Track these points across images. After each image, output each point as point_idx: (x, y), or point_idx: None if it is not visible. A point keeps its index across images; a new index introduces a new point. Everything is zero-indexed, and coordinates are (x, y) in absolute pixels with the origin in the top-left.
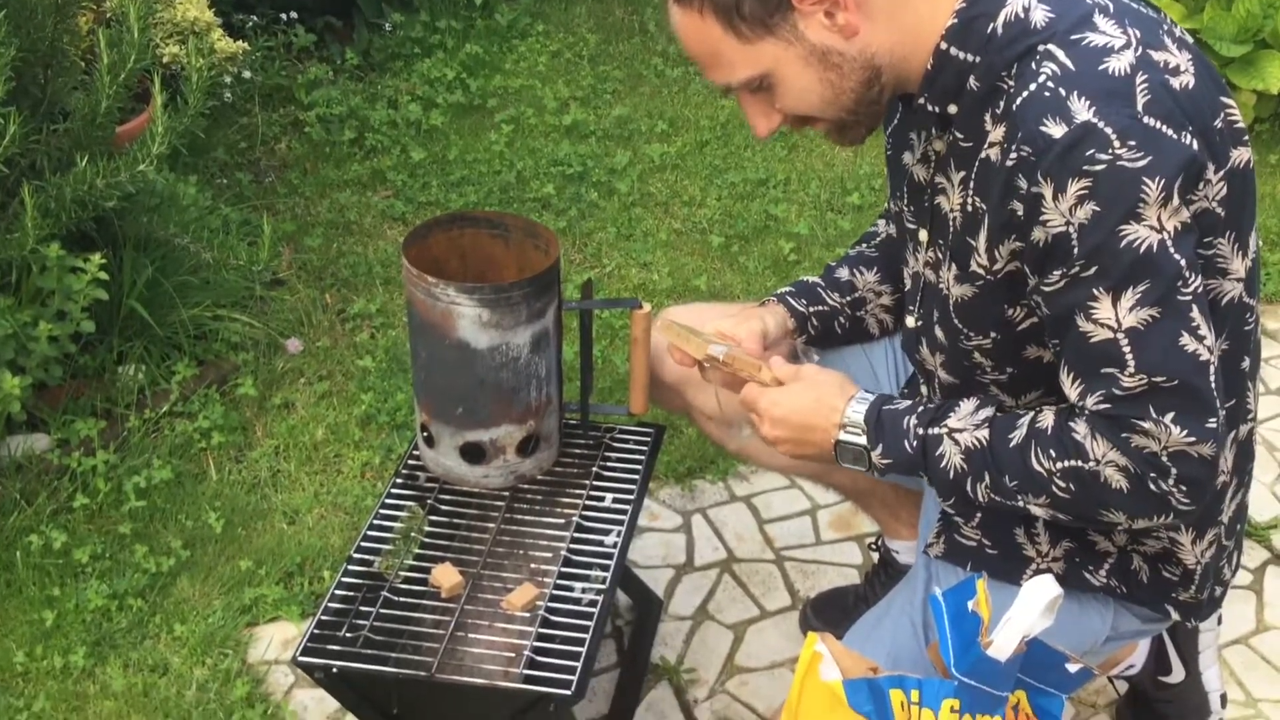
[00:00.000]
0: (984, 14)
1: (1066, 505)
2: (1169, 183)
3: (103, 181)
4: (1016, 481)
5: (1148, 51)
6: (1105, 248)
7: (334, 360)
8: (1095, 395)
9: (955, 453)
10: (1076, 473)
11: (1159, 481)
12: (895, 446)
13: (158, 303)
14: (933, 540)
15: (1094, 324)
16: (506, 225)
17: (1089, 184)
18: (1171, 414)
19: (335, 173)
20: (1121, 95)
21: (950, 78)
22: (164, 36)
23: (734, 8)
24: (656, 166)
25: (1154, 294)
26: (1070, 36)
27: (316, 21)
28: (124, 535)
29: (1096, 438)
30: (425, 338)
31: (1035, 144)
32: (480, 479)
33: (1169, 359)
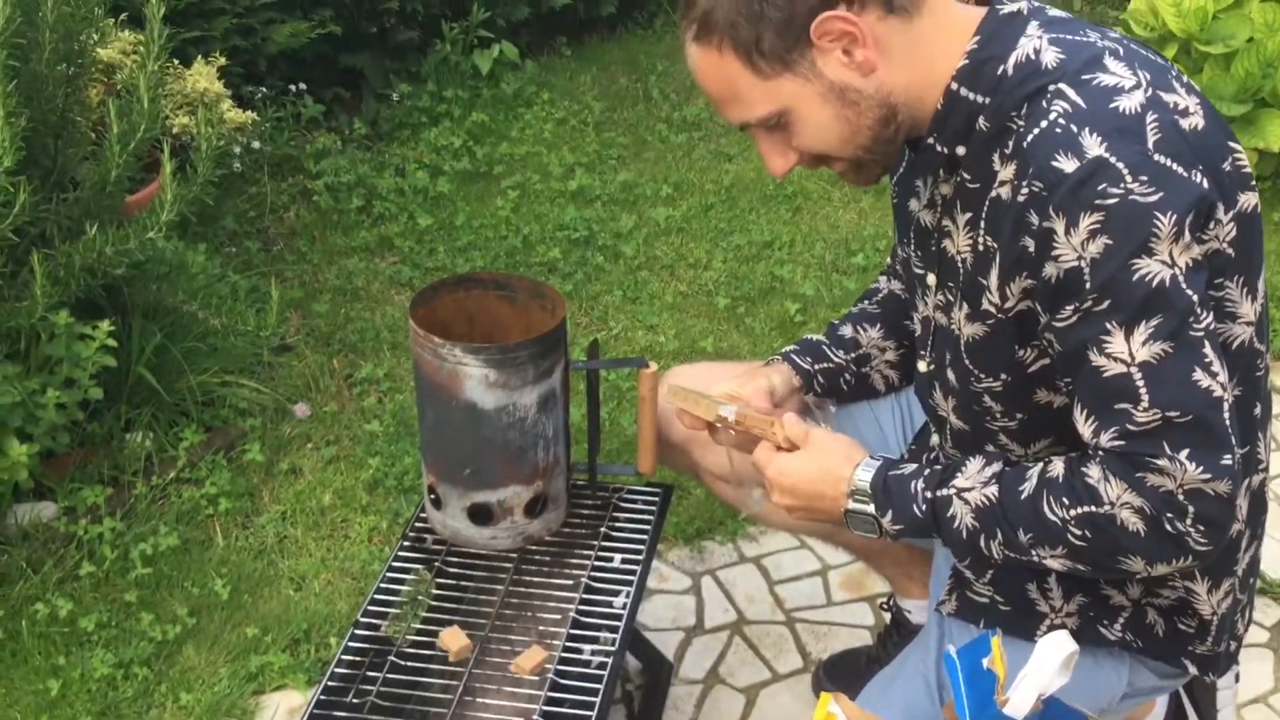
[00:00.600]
0: (995, 56)
1: (1083, 554)
2: (1180, 218)
3: (112, 250)
4: (1031, 534)
5: (1157, 92)
6: (1118, 281)
7: (341, 425)
8: (1109, 432)
9: (966, 512)
10: (1091, 518)
11: (1175, 522)
12: (904, 512)
13: (166, 369)
14: (945, 597)
15: (1107, 358)
16: (513, 286)
17: (1101, 218)
18: (1186, 450)
19: (343, 240)
20: (1132, 132)
21: (960, 118)
22: (174, 107)
23: (753, 44)
24: (662, 230)
25: (1166, 328)
26: (1081, 76)
27: (325, 92)
28: (130, 603)
29: (1110, 480)
30: (432, 399)
31: (1046, 179)
32: (488, 540)
33: (1183, 394)
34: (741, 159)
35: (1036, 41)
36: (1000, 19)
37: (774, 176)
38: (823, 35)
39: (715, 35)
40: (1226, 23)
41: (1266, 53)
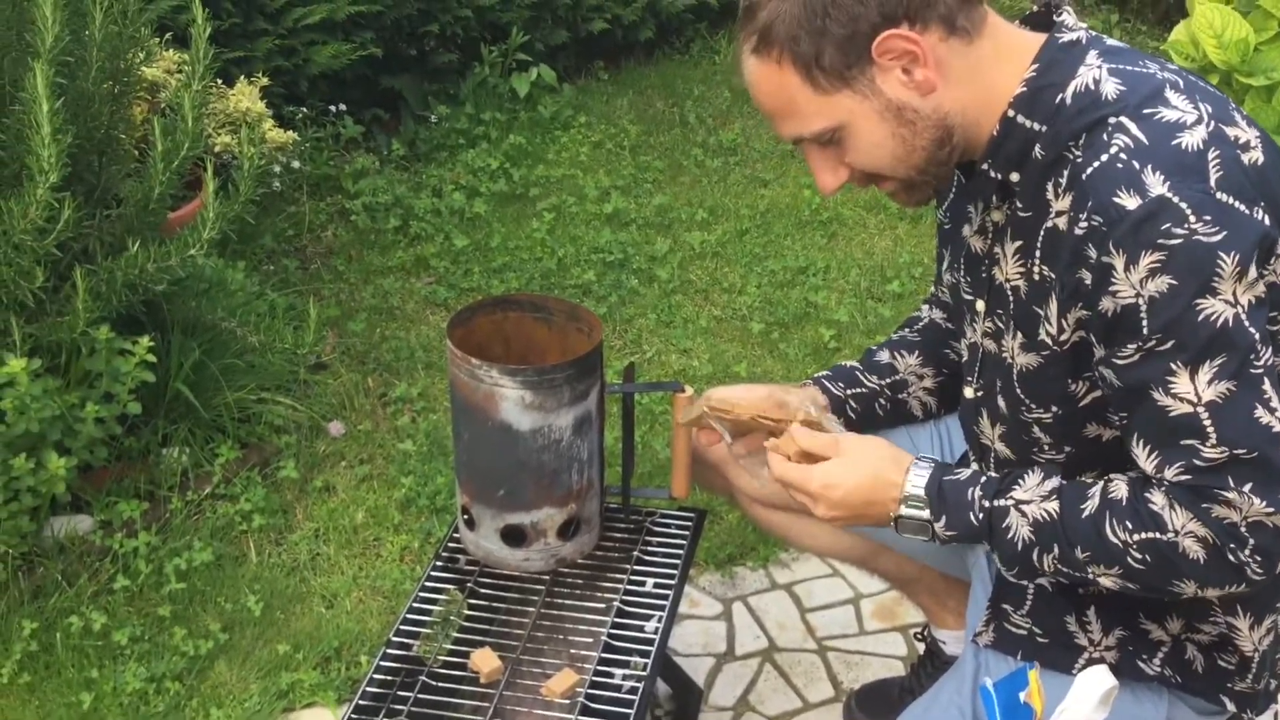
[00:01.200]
0: (1053, 84)
1: (1139, 576)
2: (1244, 257)
3: (153, 266)
4: (1089, 553)
5: (1220, 126)
6: (1182, 322)
7: (375, 444)
8: (1175, 467)
9: (1023, 525)
10: (1154, 544)
11: (1238, 552)
12: (959, 519)
13: (203, 386)
14: (981, 629)
15: (1173, 398)
16: (550, 309)
17: (1164, 257)
18: (1250, 485)
19: (380, 259)
20: (1195, 170)
21: (1016, 146)
22: (217, 126)
23: (814, 59)
24: (696, 254)
25: (1230, 367)
26: (1143, 110)
27: (364, 114)
28: (163, 617)
29: (1176, 509)
30: (468, 419)
31: (1107, 214)
32: (520, 562)
33: (1247, 431)
34: (777, 185)
35: (1096, 71)
36: (1059, 47)
37: (823, 194)
38: (884, 53)
39: (775, 48)
40: (1268, 55)
41: None
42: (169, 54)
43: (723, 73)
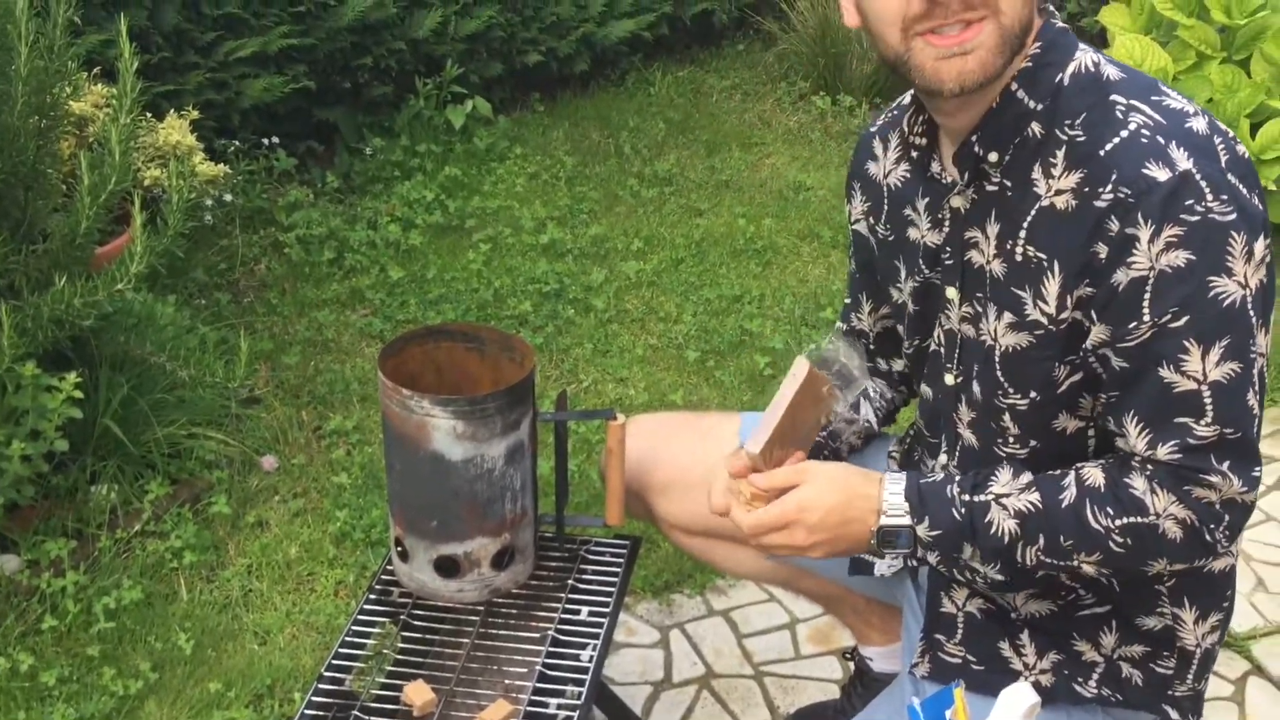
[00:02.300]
0: (1054, 63)
1: (1117, 559)
2: (1250, 239)
3: (80, 301)
4: (1072, 541)
5: (1213, 120)
6: (1196, 298)
7: (309, 477)
8: (1168, 445)
9: (1006, 518)
10: (1135, 528)
11: (1214, 531)
12: (942, 516)
13: (132, 421)
14: (917, 660)
15: (1180, 375)
16: (482, 338)
17: (1183, 232)
18: (1228, 463)
19: (314, 292)
20: (1209, 152)
21: (1010, 120)
22: (146, 160)
23: None
24: (632, 284)
25: (1235, 348)
26: (1151, 96)
27: (298, 146)
28: (92, 657)
29: (1158, 492)
30: (400, 450)
31: (1136, 186)
32: (454, 593)
33: (1239, 412)
34: (712, 214)
35: (1094, 55)
36: (1057, 30)
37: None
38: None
39: None
40: (1187, 84)
41: (1226, 113)
42: (97, 88)
43: (658, 104)
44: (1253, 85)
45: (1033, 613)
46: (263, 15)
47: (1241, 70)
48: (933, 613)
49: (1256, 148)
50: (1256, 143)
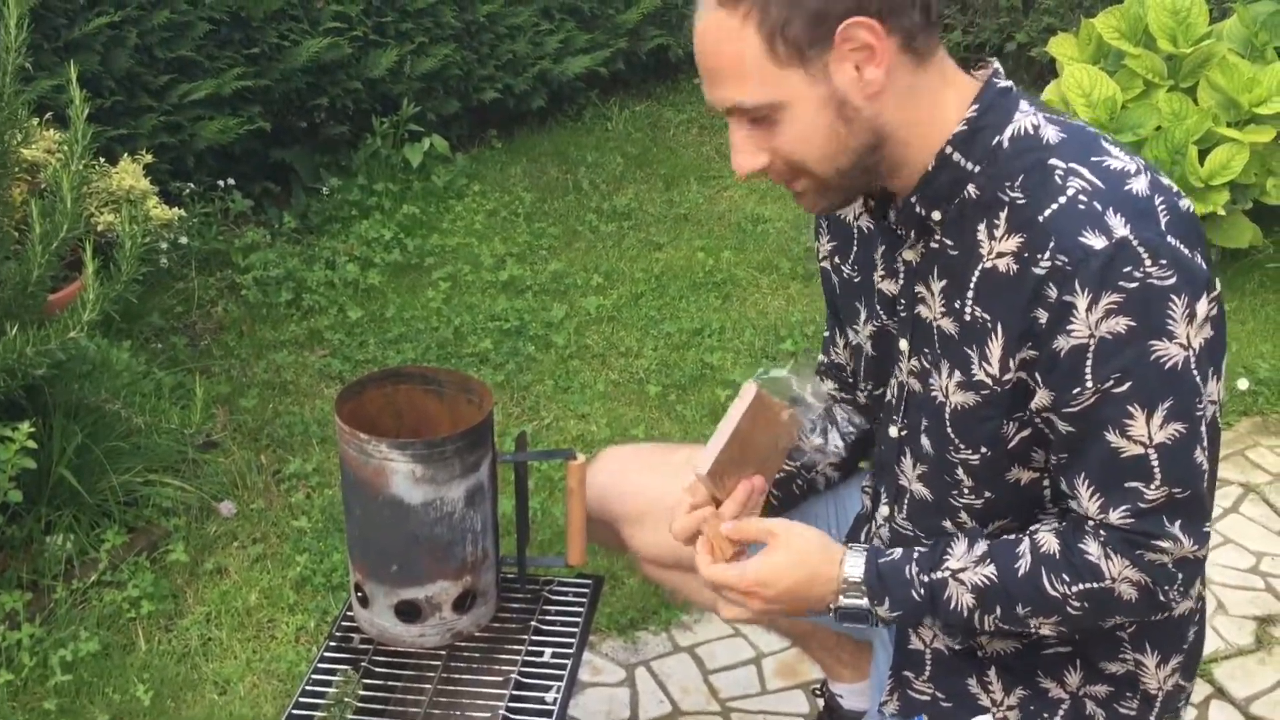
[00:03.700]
0: (990, 126)
1: (1076, 620)
2: (1192, 301)
3: (32, 350)
4: (1030, 608)
5: (1156, 176)
6: (1138, 363)
7: (269, 522)
8: (1120, 510)
9: (963, 593)
10: (1092, 593)
11: (1167, 591)
12: (901, 598)
13: (88, 470)
14: (886, 698)
15: (1127, 439)
16: (440, 380)
17: (1121, 299)
18: (1180, 522)
19: (272, 334)
20: (1148, 214)
21: (946, 182)
22: (99, 205)
23: (781, 25)
24: (593, 319)
25: (1179, 409)
26: (1090, 158)
27: (254, 187)
28: (49, 711)
29: (1111, 557)
30: (358, 495)
31: (1073, 255)
32: (416, 638)
33: (1187, 472)
34: (671, 248)
35: (1034, 118)
36: (997, 91)
37: (737, 173)
38: (846, 40)
39: (745, 4)
40: (1135, 112)
41: (1174, 140)
42: (49, 134)
43: (615, 139)
44: (1200, 112)
45: (999, 650)
46: (216, 57)
47: (1188, 98)
48: (901, 650)
49: (1205, 173)
50: (1205, 168)
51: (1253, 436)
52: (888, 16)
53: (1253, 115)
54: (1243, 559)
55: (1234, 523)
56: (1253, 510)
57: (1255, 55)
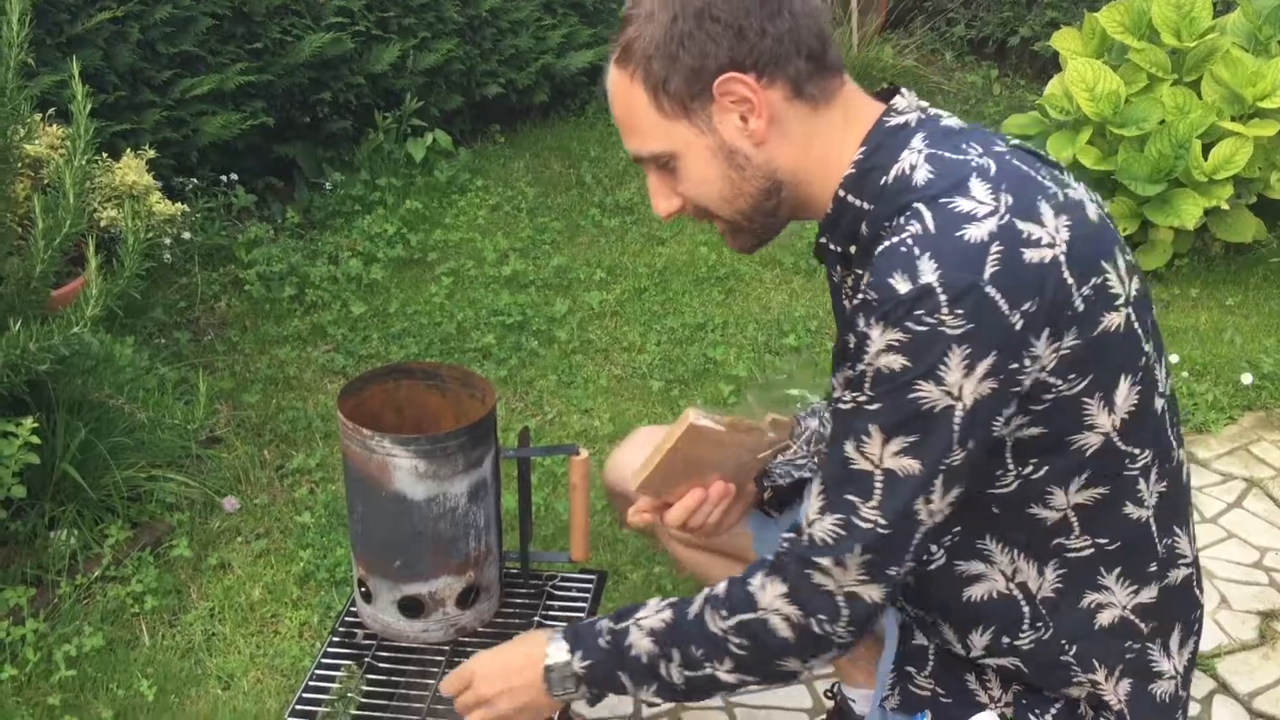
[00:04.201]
0: (879, 166)
1: (745, 663)
2: (978, 356)
3: (36, 345)
4: (701, 650)
5: (1013, 221)
6: (897, 395)
7: (272, 517)
8: (834, 517)
9: (642, 638)
10: (747, 626)
11: (825, 624)
12: (590, 646)
13: (91, 465)
14: (888, 693)
15: (860, 454)
16: (442, 376)
17: (904, 338)
18: (870, 556)
19: (275, 329)
20: (972, 262)
21: (849, 222)
22: (102, 200)
23: (662, 82)
24: (596, 314)
25: (920, 449)
26: (939, 200)
27: (257, 182)
28: (53, 706)
29: (768, 585)
30: (362, 490)
31: (880, 293)
32: (419, 634)
33: (903, 512)
34: (674, 242)
35: (915, 157)
36: (885, 131)
37: (659, 215)
38: (724, 94)
39: (632, 63)
40: (1139, 106)
41: (1178, 134)
42: (52, 129)
43: (617, 134)
44: (1203, 106)
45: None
46: (219, 52)
47: (1192, 92)
48: (905, 644)
49: (1209, 168)
50: (1209, 163)
51: (1256, 431)
52: (766, 70)
53: (1257, 109)
54: (1246, 554)
55: (1237, 518)
56: (1256, 505)
57: (1259, 49)
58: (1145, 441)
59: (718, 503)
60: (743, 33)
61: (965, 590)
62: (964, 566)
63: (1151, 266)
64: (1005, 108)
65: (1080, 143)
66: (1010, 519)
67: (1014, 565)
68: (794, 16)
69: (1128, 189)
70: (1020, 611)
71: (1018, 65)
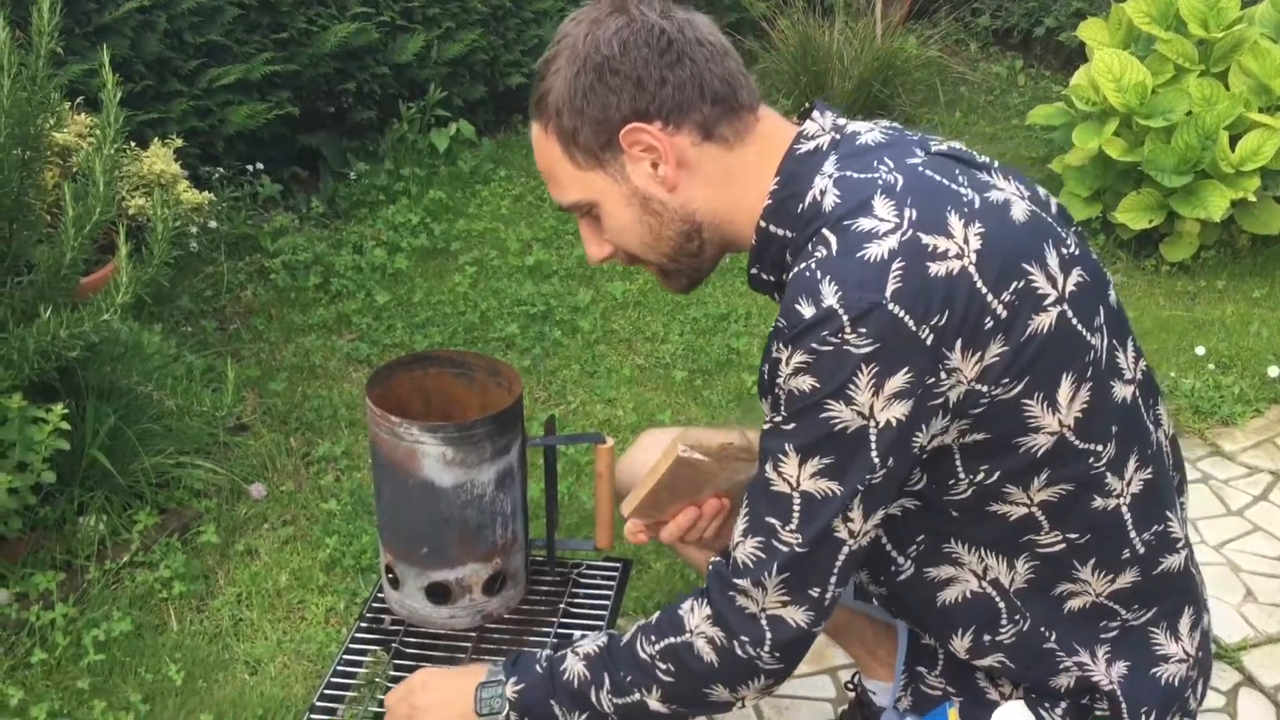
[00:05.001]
0: (794, 194)
1: (672, 690)
2: (887, 373)
3: (66, 332)
4: (630, 676)
5: (917, 235)
6: (808, 414)
7: (298, 505)
8: (755, 539)
9: (576, 662)
10: (673, 651)
11: (748, 646)
12: (526, 671)
13: (120, 452)
14: (900, 694)
15: (778, 475)
16: (469, 364)
17: (810, 360)
18: (787, 575)
19: (300, 318)
20: (872, 282)
21: (774, 251)
22: (130, 189)
23: (572, 135)
24: (619, 304)
25: (837, 470)
26: (843, 222)
27: (282, 172)
28: (82, 690)
29: (695, 609)
30: (389, 478)
31: (788, 318)
32: (446, 620)
33: (821, 533)
34: None
35: (825, 181)
36: (796, 159)
37: (590, 263)
38: (632, 144)
39: (545, 116)
40: (1166, 97)
41: (1205, 126)
42: (81, 118)
43: None
44: (1231, 97)
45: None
46: (246, 42)
47: (1219, 83)
48: (914, 645)
49: (1236, 159)
50: (1236, 154)
51: None
52: (670, 117)
53: None
54: (1271, 547)
55: (1263, 510)
56: None
57: None
58: (1106, 435)
59: (712, 518)
60: (642, 83)
61: (939, 595)
62: (934, 572)
63: (1178, 258)
64: (1030, 98)
65: (1106, 134)
66: (971, 519)
67: (984, 563)
68: (694, 63)
69: (1154, 180)
70: (996, 607)
71: (1043, 56)
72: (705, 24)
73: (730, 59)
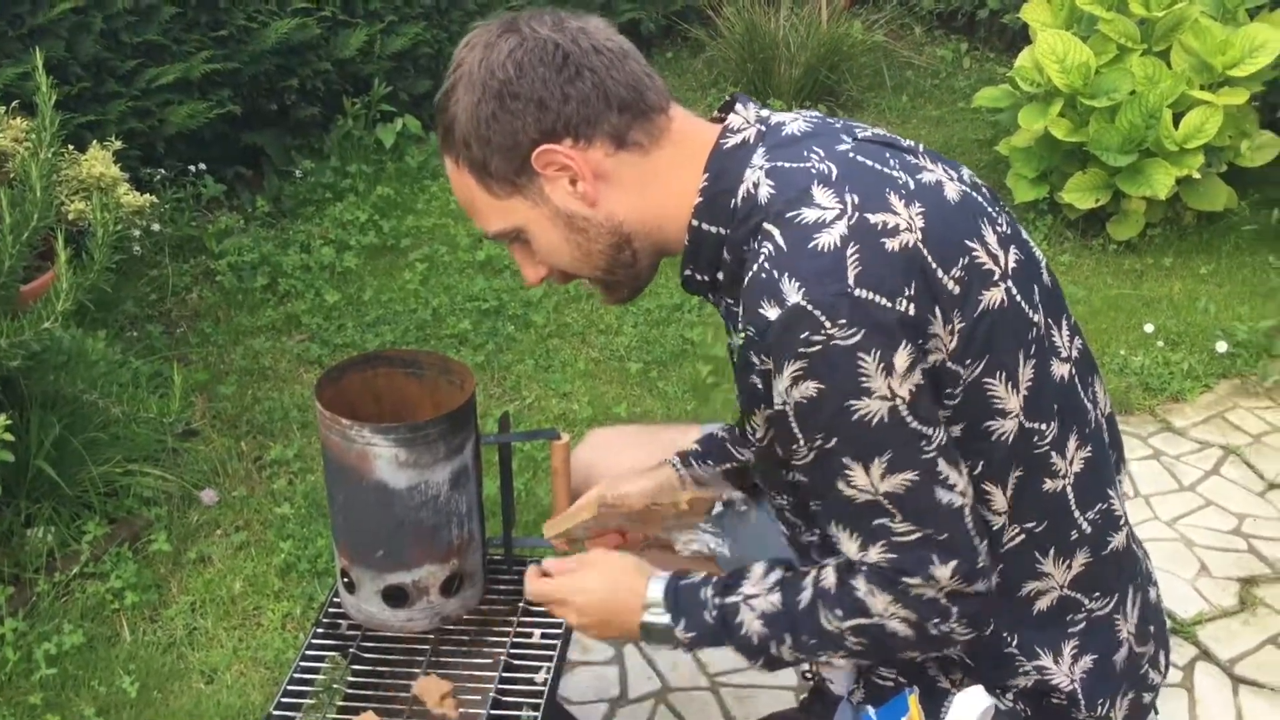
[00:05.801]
0: (725, 189)
1: (864, 654)
2: (886, 352)
3: (6, 342)
4: (815, 640)
5: (864, 217)
6: (839, 422)
7: (251, 509)
8: (877, 546)
9: (753, 619)
10: (865, 629)
11: (940, 625)
12: (696, 619)
13: (66, 461)
14: (854, 687)
15: (855, 489)
16: (420, 363)
17: (805, 365)
18: (938, 555)
19: (248, 320)
20: (831, 272)
21: (709, 250)
22: (69, 193)
23: (483, 165)
24: (572, 297)
25: (900, 460)
26: (785, 215)
27: (226, 171)
28: (35, 705)
29: (875, 593)
30: (342, 480)
31: (756, 325)
32: (404, 623)
33: (930, 515)
34: None
35: (757, 174)
36: (724, 154)
37: (527, 286)
38: (545, 166)
39: (453, 150)
40: (1109, 77)
41: (1149, 104)
42: (16, 122)
43: None
44: (1173, 76)
45: None
46: (184, 41)
47: (1162, 61)
48: None
49: (1180, 137)
50: (1179, 132)
51: (1232, 399)
52: (581, 133)
53: (1226, 78)
54: (1224, 521)
55: (1215, 485)
56: (1233, 472)
57: (1227, 17)
58: (1049, 414)
59: (635, 546)
60: (544, 104)
61: None
62: None
63: (1124, 237)
64: (976, 81)
65: (1052, 114)
66: None
67: None
68: (595, 73)
69: (1099, 160)
70: None
71: (987, 38)
72: (601, 28)
73: (631, 61)
